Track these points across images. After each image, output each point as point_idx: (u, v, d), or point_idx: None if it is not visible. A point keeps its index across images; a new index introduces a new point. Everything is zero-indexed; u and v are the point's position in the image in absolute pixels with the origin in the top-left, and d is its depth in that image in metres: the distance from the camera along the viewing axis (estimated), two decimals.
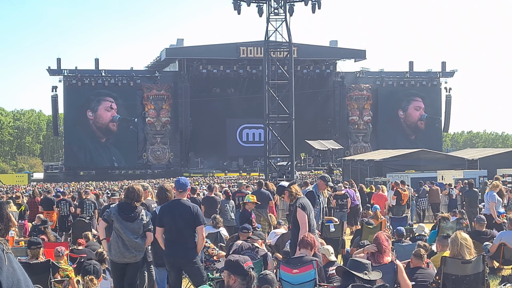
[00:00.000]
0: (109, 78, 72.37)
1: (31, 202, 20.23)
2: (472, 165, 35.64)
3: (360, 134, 78.74)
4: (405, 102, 78.70)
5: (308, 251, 8.24)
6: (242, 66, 72.39)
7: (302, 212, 9.49)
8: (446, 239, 9.62)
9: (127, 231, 8.95)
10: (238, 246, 9.56)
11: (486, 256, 9.60)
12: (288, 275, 7.88)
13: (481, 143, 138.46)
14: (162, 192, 9.63)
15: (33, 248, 9.77)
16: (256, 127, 74.54)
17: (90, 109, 71.82)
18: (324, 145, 61.31)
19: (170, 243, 8.88)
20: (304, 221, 9.36)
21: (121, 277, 9.18)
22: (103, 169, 71.37)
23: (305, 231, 9.16)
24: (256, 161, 69.99)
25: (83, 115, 71.50)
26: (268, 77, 43.85)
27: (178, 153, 74.55)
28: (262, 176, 46.27)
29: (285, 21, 43.36)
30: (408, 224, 16.59)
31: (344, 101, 77.41)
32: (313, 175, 54.19)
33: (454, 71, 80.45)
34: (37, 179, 77.13)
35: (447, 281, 8.33)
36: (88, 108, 71.65)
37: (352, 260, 7.18)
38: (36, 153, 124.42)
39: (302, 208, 9.55)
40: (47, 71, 70.95)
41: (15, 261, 2.60)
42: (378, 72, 79.79)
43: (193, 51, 73.14)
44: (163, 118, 73.89)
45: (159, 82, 73.97)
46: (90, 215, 18.23)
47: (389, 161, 38.19)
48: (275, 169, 43.85)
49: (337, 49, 77.58)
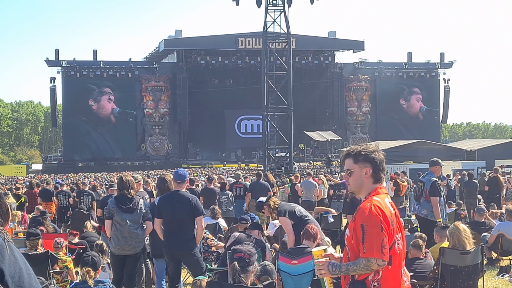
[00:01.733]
0: (107, 69, 72.35)
1: (29, 193, 20.22)
2: (470, 156, 35.71)
3: (358, 125, 78.77)
4: (407, 92, 78.65)
5: (310, 243, 8.25)
6: (240, 57, 72.32)
7: (286, 220, 9.41)
8: (445, 230, 9.63)
9: (128, 222, 8.97)
10: (235, 238, 9.55)
11: (484, 247, 9.62)
12: (287, 266, 7.89)
13: (479, 134, 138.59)
14: (163, 183, 9.62)
15: (32, 239, 9.77)
16: (255, 118, 74.53)
17: (93, 98, 71.76)
18: (323, 136, 61.35)
19: (169, 234, 8.88)
20: (288, 228, 9.29)
21: (121, 269, 9.20)
22: (102, 160, 71.38)
23: (293, 237, 9.10)
24: (255, 152, 70.04)
25: (82, 106, 71.39)
26: (267, 68, 43.75)
27: (176, 144, 74.56)
28: (260, 167, 46.28)
29: (284, 12, 43.22)
30: (407, 215, 16.59)
31: (343, 92, 77.39)
32: (312, 166, 54.22)
33: (452, 62, 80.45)
34: (35, 171, 77.04)
35: (446, 271, 8.35)
36: (90, 97, 71.58)
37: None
38: (35, 144, 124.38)
39: (285, 214, 9.51)
40: (46, 62, 70.87)
41: (16, 250, 2.61)
42: (377, 63, 79.75)
43: (192, 42, 73.04)
44: (162, 109, 73.88)
45: (158, 73, 73.91)
46: (88, 206, 18.22)
47: (387, 152, 37.67)
48: (273, 160, 43.81)
49: (336, 40, 77.51)
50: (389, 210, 4.25)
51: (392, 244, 4.19)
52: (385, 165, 4.49)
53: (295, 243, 9.20)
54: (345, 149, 4.67)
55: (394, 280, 4.24)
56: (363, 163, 4.40)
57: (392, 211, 4.29)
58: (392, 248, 4.19)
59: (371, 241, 4.11)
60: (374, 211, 4.17)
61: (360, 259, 4.14)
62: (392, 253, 4.20)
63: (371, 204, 4.22)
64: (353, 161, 4.44)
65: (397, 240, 4.24)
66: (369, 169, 4.38)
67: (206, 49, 71.75)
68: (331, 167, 45.16)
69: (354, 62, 79.14)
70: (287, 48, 43.59)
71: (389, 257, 4.17)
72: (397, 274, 4.26)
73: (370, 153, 4.40)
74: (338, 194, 20.86)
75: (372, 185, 4.39)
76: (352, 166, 4.44)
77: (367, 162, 4.39)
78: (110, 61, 74.52)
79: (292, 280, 7.80)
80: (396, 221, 4.27)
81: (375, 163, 4.40)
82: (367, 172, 4.38)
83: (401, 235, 4.30)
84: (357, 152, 4.43)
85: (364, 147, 4.50)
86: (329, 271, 4.27)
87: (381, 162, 4.44)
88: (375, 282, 4.17)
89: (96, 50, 73.48)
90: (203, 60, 72.06)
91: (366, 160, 4.39)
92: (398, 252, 4.25)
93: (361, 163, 4.40)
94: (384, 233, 4.13)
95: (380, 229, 4.12)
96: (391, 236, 4.18)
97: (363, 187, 4.42)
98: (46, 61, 70.85)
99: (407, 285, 4.38)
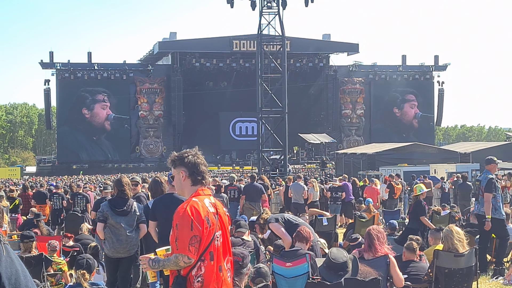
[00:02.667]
0: (102, 71, 72.19)
1: (22, 195, 20.16)
2: (464, 158, 35.74)
3: (353, 127, 78.81)
4: (400, 100, 78.78)
5: (303, 245, 8.26)
6: (235, 59, 72.34)
7: (275, 225, 9.40)
8: (439, 233, 9.64)
9: (123, 225, 8.96)
10: None
11: (478, 249, 9.63)
12: (281, 269, 7.89)
13: (473, 137, 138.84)
14: (157, 185, 9.62)
15: (26, 241, 9.75)
16: (249, 121, 74.52)
17: (86, 107, 71.66)
18: (317, 139, 61.45)
19: (164, 237, 8.85)
20: (280, 231, 9.29)
21: (115, 271, 9.20)
22: (96, 163, 71.22)
23: (289, 239, 9.09)
24: (249, 154, 69.99)
25: (77, 110, 71.23)
26: (261, 70, 43.81)
27: (171, 147, 74.33)
28: (255, 170, 46.29)
29: (278, 14, 43.30)
30: (401, 218, 16.62)
31: (337, 95, 77.43)
32: (306, 168, 54.27)
33: (447, 64, 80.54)
34: (29, 173, 76.90)
35: (440, 274, 8.36)
36: (83, 106, 71.49)
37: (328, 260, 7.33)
38: (29, 146, 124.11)
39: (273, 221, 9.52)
40: (40, 64, 70.67)
41: (12, 252, 2.62)
42: (371, 65, 79.76)
43: (186, 44, 73.00)
44: (156, 112, 73.85)
45: (152, 75, 73.81)
46: (82, 208, 18.18)
47: (382, 155, 38.26)
48: (268, 163, 43.87)
49: (330, 42, 77.57)
50: (206, 210, 4.61)
51: (210, 241, 4.57)
52: (203, 168, 4.85)
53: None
54: None
55: (214, 275, 4.60)
56: (179, 167, 4.83)
57: (212, 210, 4.67)
58: (211, 245, 4.58)
59: (182, 239, 4.52)
60: (187, 212, 4.55)
61: (173, 255, 4.58)
62: (212, 249, 4.59)
63: (187, 205, 4.61)
64: (172, 166, 4.91)
65: (216, 237, 4.63)
66: (184, 172, 4.80)
67: (200, 51, 71.73)
68: (325, 170, 45.22)
69: (348, 65, 79.15)
70: (282, 50, 43.65)
71: (210, 254, 4.57)
72: (217, 269, 4.62)
73: (184, 158, 4.84)
74: (335, 196, 20.93)
75: (192, 187, 4.79)
76: (172, 170, 4.92)
77: (182, 166, 4.82)
78: (104, 63, 74.40)
79: (287, 282, 7.80)
80: (218, 220, 4.67)
81: (189, 166, 4.80)
82: (183, 175, 4.79)
83: (221, 232, 4.68)
84: (174, 158, 4.91)
85: (181, 152, 4.95)
86: (150, 265, 4.74)
87: (195, 165, 4.81)
88: (199, 278, 4.55)
89: (90, 53, 73.46)
90: (197, 63, 72.03)
91: (181, 164, 4.83)
92: (217, 248, 4.63)
93: (178, 167, 4.84)
94: (195, 232, 4.51)
95: (190, 228, 4.51)
96: (205, 234, 4.55)
97: (184, 189, 4.84)
98: (40, 63, 70.68)
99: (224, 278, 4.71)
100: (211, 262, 4.56)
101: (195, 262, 4.53)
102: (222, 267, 4.68)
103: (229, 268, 4.80)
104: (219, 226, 4.68)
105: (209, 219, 4.58)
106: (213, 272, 4.57)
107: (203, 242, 4.55)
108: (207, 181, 4.88)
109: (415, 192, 12.89)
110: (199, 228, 4.52)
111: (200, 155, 4.95)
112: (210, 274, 4.56)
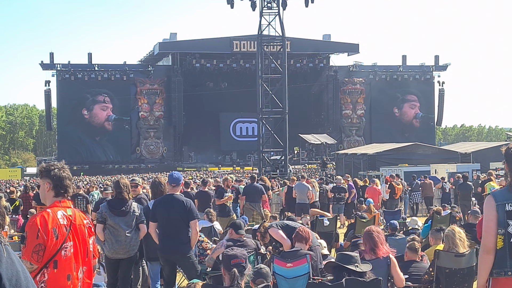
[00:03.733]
0: (102, 72, 72.16)
1: (24, 197, 20.17)
2: (465, 158, 35.74)
3: (353, 128, 78.77)
4: (400, 100, 78.74)
5: (303, 245, 8.25)
6: (235, 60, 72.29)
7: (274, 229, 9.38)
8: (440, 233, 9.63)
9: (122, 226, 8.95)
10: (223, 245, 9.39)
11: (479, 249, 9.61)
12: (282, 269, 7.88)
13: (474, 136, 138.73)
14: (157, 186, 9.61)
15: None
16: (250, 121, 74.50)
17: (86, 107, 71.65)
18: (318, 139, 61.28)
19: (164, 238, 8.87)
20: (279, 235, 9.27)
21: (115, 272, 9.19)
22: (97, 164, 71.21)
23: (288, 243, 9.08)
24: (250, 155, 69.98)
25: (77, 110, 71.20)
26: (262, 71, 43.82)
27: (171, 148, 74.49)
28: (255, 170, 46.29)
29: (279, 15, 43.31)
30: (402, 218, 16.60)
31: (338, 95, 77.39)
32: (307, 169, 54.25)
33: (447, 64, 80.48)
34: (30, 174, 76.88)
35: (441, 274, 8.34)
36: (83, 106, 71.48)
37: (341, 254, 7.23)
38: (29, 147, 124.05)
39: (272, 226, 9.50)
40: (40, 65, 70.64)
41: (13, 253, 2.64)
42: (371, 66, 79.68)
43: (187, 45, 73.00)
44: (157, 113, 73.82)
45: (153, 76, 73.78)
46: (82, 209, 18.16)
47: (382, 155, 38.25)
48: (268, 163, 43.87)
49: (330, 43, 77.56)
50: (56, 222, 4.92)
51: (57, 251, 4.88)
52: (68, 182, 5.15)
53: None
54: None
55: (60, 282, 4.90)
56: (45, 178, 5.12)
57: (64, 222, 4.98)
58: (57, 254, 4.89)
59: (28, 246, 4.82)
60: (36, 221, 4.85)
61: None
62: (58, 258, 4.89)
63: (38, 215, 4.92)
64: (40, 177, 5.23)
65: (64, 247, 4.93)
66: (49, 184, 5.10)
67: (201, 52, 71.69)
68: (326, 170, 45.20)
69: (348, 65, 79.08)
70: (282, 51, 43.67)
71: (55, 262, 4.87)
72: (63, 277, 4.91)
73: (51, 170, 5.12)
74: (338, 197, 20.92)
75: (53, 198, 5.10)
76: (39, 180, 5.29)
77: (47, 178, 5.11)
78: (105, 64, 74.40)
79: (287, 283, 7.79)
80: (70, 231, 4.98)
81: (54, 179, 5.09)
82: (47, 187, 5.09)
83: (72, 243, 4.98)
84: (41, 169, 5.19)
85: (48, 164, 5.22)
86: None
87: (59, 178, 5.11)
88: (42, 284, 4.86)
89: (91, 53, 73.48)
90: (198, 63, 71.97)
91: (47, 176, 5.12)
92: (64, 258, 4.93)
93: (44, 179, 5.14)
94: (40, 241, 4.81)
95: (36, 236, 4.82)
96: (50, 244, 4.84)
97: (46, 199, 5.14)
98: (40, 64, 70.64)
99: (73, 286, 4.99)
100: (55, 270, 4.87)
101: (39, 269, 4.84)
102: (72, 276, 4.96)
103: (84, 277, 5.11)
104: (71, 237, 4.98)
105: (57, 230, 4.89)
106: (57, 280, 4.87)
107: (48, 251, 4.85)
108: (69, 194, 5.18)
109: (486, 191, 12.85)
110: (45, 238, 4.82)
111: (66, 168, 5.22)
112: (54, 282, 4.87)
